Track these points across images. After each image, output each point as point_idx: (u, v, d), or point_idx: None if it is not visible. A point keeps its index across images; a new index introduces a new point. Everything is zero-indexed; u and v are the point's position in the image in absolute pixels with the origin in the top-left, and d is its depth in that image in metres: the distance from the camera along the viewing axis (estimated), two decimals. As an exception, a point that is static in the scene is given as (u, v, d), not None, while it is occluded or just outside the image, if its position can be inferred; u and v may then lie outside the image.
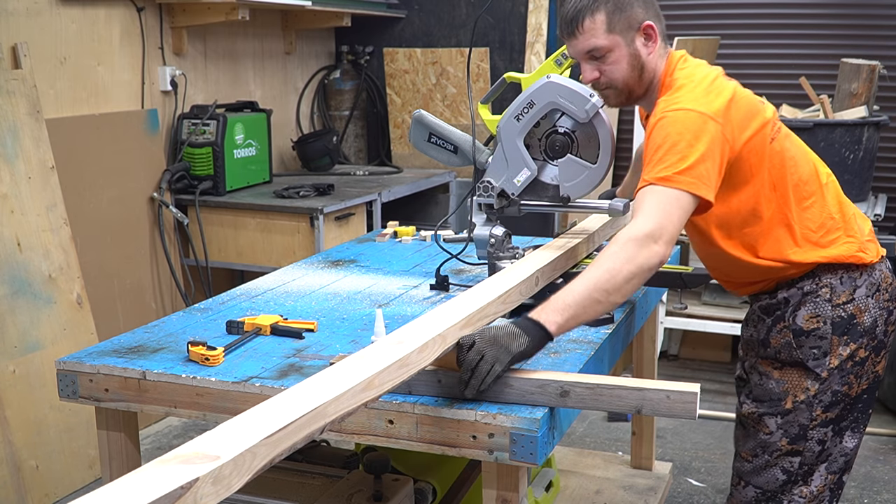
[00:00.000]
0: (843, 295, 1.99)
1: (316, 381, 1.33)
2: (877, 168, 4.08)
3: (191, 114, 4.11)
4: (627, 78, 2.00)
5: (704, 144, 1.83)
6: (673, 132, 1.84)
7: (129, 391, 1.86)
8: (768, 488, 2.06)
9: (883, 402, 4.16)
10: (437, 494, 2.39)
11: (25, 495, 3.10)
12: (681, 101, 1.89)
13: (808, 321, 2.00)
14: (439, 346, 1.60)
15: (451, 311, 1.72)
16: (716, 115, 1.87)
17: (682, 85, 1.94)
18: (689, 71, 1.99)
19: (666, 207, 1.80)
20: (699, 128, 1.84)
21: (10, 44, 3.31)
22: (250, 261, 4.01)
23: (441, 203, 5.05)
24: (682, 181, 1.81)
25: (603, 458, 3.30)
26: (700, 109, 1.86)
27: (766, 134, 1.96)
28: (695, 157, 1.81)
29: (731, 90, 1.95)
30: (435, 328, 1.61)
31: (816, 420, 2.01)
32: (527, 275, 1.99)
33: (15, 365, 3.11)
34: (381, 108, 5.38)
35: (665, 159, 1.83)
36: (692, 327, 4.30)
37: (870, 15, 4.47)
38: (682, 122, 1.85)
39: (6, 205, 3.17)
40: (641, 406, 1.62)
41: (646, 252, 1.77)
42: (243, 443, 1.09)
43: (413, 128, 2.45)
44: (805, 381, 2.01)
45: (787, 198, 1.99)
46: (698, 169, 1.82)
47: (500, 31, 5.09)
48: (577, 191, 2.27)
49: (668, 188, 1.81)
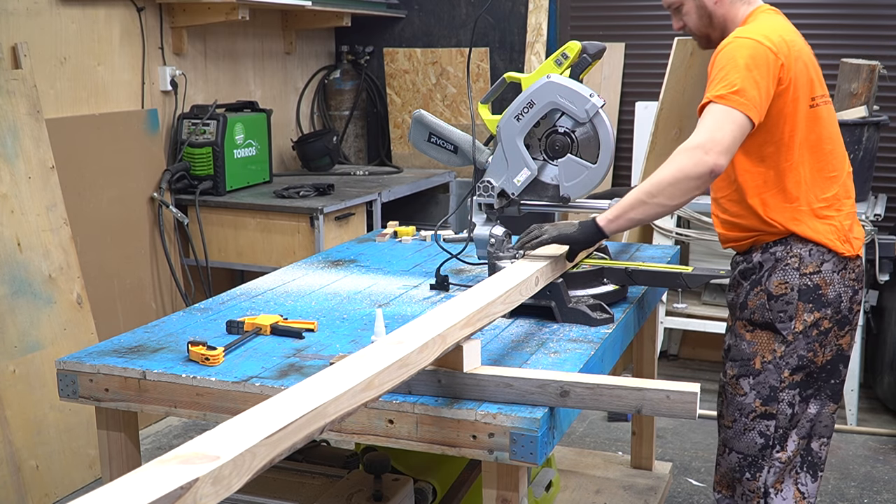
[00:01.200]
0: (811, 266, 2.15)
1: (316, 381, 1.32)
2: (877, 168, 4.08)
3: (191, 114, 4.11)
4: (699, 25, 2.26)
5: (759, 71, 2.02)
6: (736, 56, 2.03)
7: (129, 391, 1.86)
8: (749, 452, 2.22)
9: (883, 402, 4.16)
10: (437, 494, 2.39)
11: (25, 495, 3.10)
12: (747, 31, 2.10)
13: (778, 286, 2.16)
14: (439, 347, 1.58)
15: (451, 311, 1.71)
16: (776, 47, 2.05)
17: (759, 23, 2.15)
18: (770, 17, 2.18)
19: (720, 123, 1.99)
20: (758, 55, 2.03)
21: (10, 44, 3.31)
22: (250, 261, 4.01)
23: (441, 203, 5.05)
24: (736, 101, 1.99)
25: (603, 457, 3.30)
26: (762, 40, 2.05)
27: (807, 94, 2.12)
28: (749, 81, 2.00)
29: (799, 46, 2.14)
30: (435, 328, 1.60)
31: (785, 382, 2.17)
32: (527, 275, 2.00)
33: (15, 365, 3.11)
34: (381, 108, 5.38)
35: (725, 79, 2.02)
36: (692, 327, 4.30)
37: (870, 15, 4.47)
38: (745, 47, 2.04)
39: (6, 205, 3.17)
40: (641, 406, 1.62)
41: (692, 160, 1.97)
42: (243, 443, 1.09)
43: (413, 128, 2.45)
44: (773, 343, 2.17)
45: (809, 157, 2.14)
46: (751, 92, 2.00)
47: (500, 30, 5.09)
48: (577, 190, 2.27)
49: (724, 105, 1.99)
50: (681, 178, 1.98)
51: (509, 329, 2.10)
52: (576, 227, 2.13)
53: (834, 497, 3.38)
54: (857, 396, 3.98)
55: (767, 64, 2.03)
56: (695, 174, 1.97)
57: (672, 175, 1.99)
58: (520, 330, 2.09)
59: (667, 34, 4.46)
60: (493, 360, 1.89)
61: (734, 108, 1.99)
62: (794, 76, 2.08)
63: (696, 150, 1.97)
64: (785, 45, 2.08)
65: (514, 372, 1.70)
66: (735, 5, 2.21)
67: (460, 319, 1.66)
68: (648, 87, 4.75)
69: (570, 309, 2.13)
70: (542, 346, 1.98)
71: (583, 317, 2.11)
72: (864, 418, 4.06)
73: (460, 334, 1.66)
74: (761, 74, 2.02)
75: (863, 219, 3.75)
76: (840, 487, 3.46)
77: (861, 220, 3.75)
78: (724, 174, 2.18)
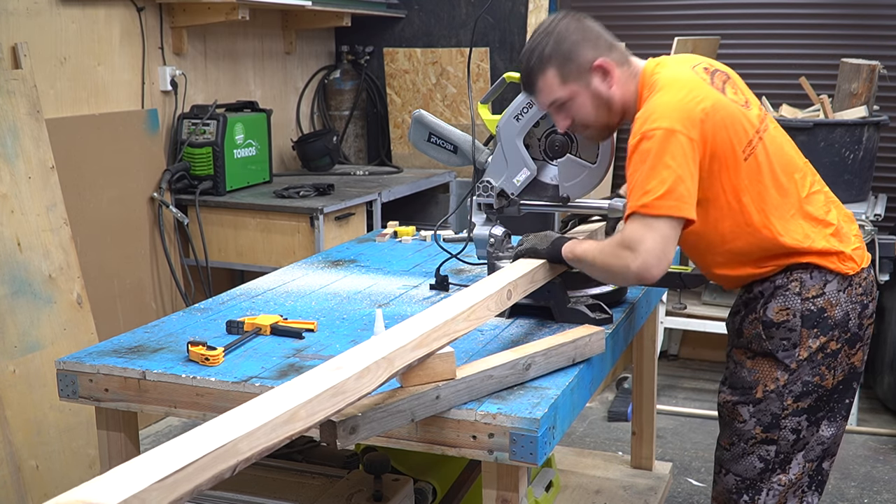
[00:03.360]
0: (813, 289, 2.01)
1: (233, 415, 1.21)
2: (877, 168, 4.08)
3: (191, 114, 4.11)
4: (597, 117, 2.05)
5: (677, 163, 1.85)
6: (650, 156, 1.86)
7: (129, 391, 1.87)
8: (747, 476, 2.10)
9: (883, 402, 4.16)
10: (437, 494, 2.39)
11: (25, 495, 3.10)
12: (653, 117, 1.89)
13: (778, 313, 2.02)
14: (384, 371, 1.46)
15: (404, 330, 1.59)
16: (689, 128, 1.87)
17: (657, 96, 1.93)
18: (663, 80, 1.97)
19: (647, 228, 1.86)
20: (673, 147, 1.85)
21: (10, 44, 3.31)
22: (250, 261, 4.01)
23: (441, 203, 5.05)
24: (664, 206, 1.85)
25: (603, 458, 3.30)
26: (672, 126, 1.86)
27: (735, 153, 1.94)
28: (672, 179, 1.84)
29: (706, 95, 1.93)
30: (379, 351, 1.48)
31: (788, 409, 2.04)
32: (496, 289, 1.86)
33: (15, 365, 3.11)
34: (381, 107, 5.38)
35: (645, 185, 1.86)
36: (692, 327, 4.30)
37: (870, 15, 4.47)
38: (656, 142, 1.86)
39: (6, 205, 3.17)
40: (575, 355, 1.89)
41: (619, 263, 1.89)
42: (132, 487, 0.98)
43: (413, 128, 2.45)
44: (775, 372, 2.04)
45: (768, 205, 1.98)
46: (678, 189, 1.85)
47: (500, 30, 5.09)
48: (577, 191, 2.27)
49: (651, 215, 1.85)
50: (609, 276, 1.98)
51: (509, 329, 2.10)
52: (548, 245, 2.09)
53: (834, 497, 3.39)
54: (857, 397, 3.98)
55: (685, 153, 1.85)
56: (622, 277, 1.93)
57: (604, 267, 1.94)
58: (519, 330, 2.09)
59: (667, 34, 4.46)
60: (492, 360, 1.89)
61: (664, 214, 1.84)
62: (713, 147, 1.91)
63: (626, 255, 1.87)
64: (697, 115, 1.88)
65: (485, 363, 1.73)
66: (628, 82, 2.03)
67: (412, 340, 1.54)
68: (648, 87, 4.74)
69: (569, 309, 2.12)
70: (541, 346, 1.98)
71: (581, 317, 2.11)
72: (864, 418, 4.06)
73: (411, 356, 1.54)
74: (682, 166, 1.85)
75: (862, 219, 3.74)
76: (840, 487, 3.46)
77: (861, 220, 3.74)
78: (697, 258, 2.12)
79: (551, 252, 2.08)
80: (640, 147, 1.88)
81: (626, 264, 1.87)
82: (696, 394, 4.38)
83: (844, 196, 3.81)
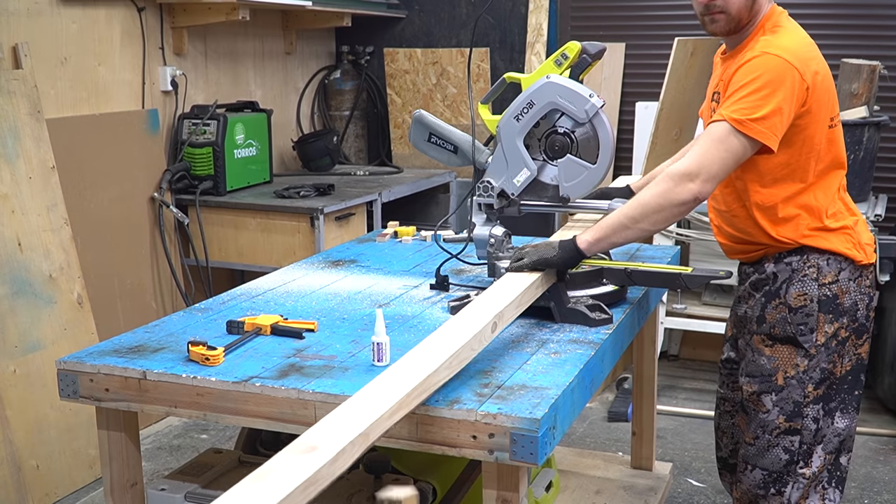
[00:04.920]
0: (829, 275, 2.10)
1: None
2: (877, 168, 4.08)
3: (191, 114, 4.11)
4: (742, 6, 2.08)
5: (784, 95, 1.95)
6: (763, 75, 1.95)
7: (130, 391, 1.87)
8: (773, 469, 2.14)
9: (883, 403, 4.16)
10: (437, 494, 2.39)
11: (26, 495, 3.10)
12: (775, 46, 1.99)
13: (797, 298, 2.11)
14: (360, 447, 1.36)
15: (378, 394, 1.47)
16: (803, 69, 1.98)
17: (787, 33, 2.06)
18: (794, 26, 2.11)
19: (719, 149, 1.94)
20: (786, 77, 1.95)
21: (10, 44, 3.32)
22: (251, 261, 4.01)
23: (441, 203, 5.05)
24: (754, 129, 1.94)
25: (603, 458, 3.30)
26: (791, 60, 1.97)
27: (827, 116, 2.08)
28: (772, 106, 1.94)
29: (820, 63, 2.07)
30: (356, 425, 1.36)
31: (809, 397, 2.11)
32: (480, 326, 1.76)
33: (16, 365, 3.12)
34: (381, 108, 5.38)
35: (746, 100, 1.94)
36: (692, 328, 4.30)
37: (870, 15, 4.47)
38: (773, 67, 1.96)
39: (7, 205, 3.17)
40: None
41: (678, 188, 1.94)
42: None
43: (413, 128, 2.45)
44: (795, 358, 2.11)
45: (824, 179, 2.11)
46: (773, 119, 1.94)
47: (500, 31, 5.09)
48: (577, 191, 2.27)
49: (734, 130, 1.94)
50: (665, 204, 1.98)
51: (509, 329, 2.10)
52: (555, 250, 2.07)
53: (834, 497, 3.39)
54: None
55: (793, 87, 1.96)
56: (678, 201, 1.96)
57: (656, 201, 1.97)
58: (520, 330, 2.10)
59: (667, 34, 4.46)
60: (493, 359, 1.89)
61: (748, 134, 1.94)
62: (817, 99, 2.03)
63: (683, 178, 1.95)
64: (810, 65, 2.02)
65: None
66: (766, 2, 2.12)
67: (389, 408, 1.44)
68: (649, 87, 4.75)
69: (569, 309, 2.13)
70: (542, 346, 1.98)
71: (582, 317, 2.11)
72: (865, 419, 4.06)
73: (387, 424, 1.44)
74: (786, 98, 1.95)
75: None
76: (840, 488, 3.46)
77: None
78: (733, 191, 2.15)
79: (563, 256, 2.07)
80: (757, 62, 1.97)
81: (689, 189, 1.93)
82: (697, 394, 4.38)
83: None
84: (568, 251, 2.06)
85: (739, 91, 1.97)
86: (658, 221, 2.00)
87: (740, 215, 2.18)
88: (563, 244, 2.08)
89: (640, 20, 4.85)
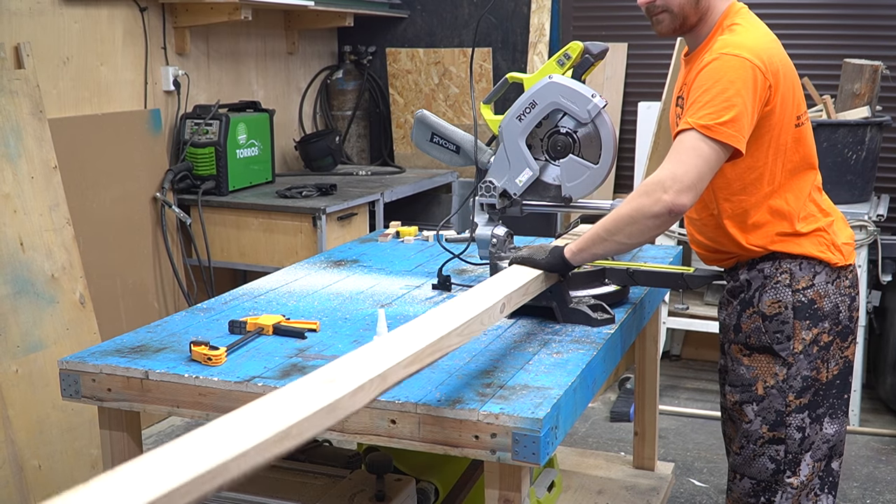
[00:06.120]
0: (803, 280, 2.04)
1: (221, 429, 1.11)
2: (879, 168, 4.08)
3: (193, 114, 4.12)
4: (684, 3, 2.02)
5: (749, 95, 1.89)
6: (724, 77, 1.89)
7: (132, 391, 1.87)
8: (761, 478, 2.11)
9: (885, 403, 4.16)
10: (439, 494, 2.39)
11: (28, 495, 3.11)
12: (739, 44, 1.93)
13: (771, 306, 2.05)
14: (377, 388, 1.37)
15: (396, 344, 1.50)
16: (765, 67, 1.92)
17: (745, 31, 1.99)
18: (753, 22, 2.03)
19: (691, 157, 1.87)
20: (748, 77, 1.89)
21: (12, 44, 3.32)
22: (253, 261, 4.01)
23: (443, 203, 5.05)
24: (724, 133, 1.87)
25: (605, 458, 3.30)
26: (751, 59, 1.91)
27: (793, 115, 2.01)
28: (738, 108, 1.87)
29: (782, 59, 2.01)
30: (374, 367, 1.38)
31: (791, 406, 2.06)
32: (490, 304, 1.78)
33: (18, 365, 3.12)
34: (383, 108, 5.38)
35: (711, 104, 1.88)
36: (694, 328, 4.30)
37: (873, 15, 4.46)
38: (735, 68, 1.90)
39: (9, 204, 3.17)
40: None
41: (649, 200, 1.87)
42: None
43: (415, 128, 2.45)
44: (773, 367, 2.06)
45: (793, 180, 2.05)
46: (741, 121, 1.88)
47: (502, 31, 5.09)
48: (579, 191, 2.27)
49: (703, 136, 1.87)
50: (637, 217, 1.89)
51: (511, 329, 2.10)
52: (546, 254, 2.05)
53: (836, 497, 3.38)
54: (859, 397, 3.97)
55: (756, 86, 1.90)
56: (651, 213, 1.87)
57: (629, 214, 1.90)
58: (522, 330, 2.10)
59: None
60: (495, 359, 1.89)
61: (718, 139, 1.86)
62: (781, 97, 1.96)
63: (656, 189, 1.87)
64: (773, 62, 1.95)
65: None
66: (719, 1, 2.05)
67: (406, 357, 1.46)
68: (651, 87, 4.75)
69: (571, 309, 2.13)
70: (544, 346, 1.98)
71: (584, 317, 2.11)
72: (867, 419, 4.06)
73: (403, 373, 1.46)
74: (750, 99, 1.89)
75: (864, 219, 3.75)
76: (842, 488, 3.45)
77: (863, 220, 3.74)
78: (701, 200, 2.08)
79: (550, 261, 2.04)
80: (716, 65, 1.91)
81: (662, 201, 1.85)
82: (699, 394, 4.38)
83: (847, 196, 3.82)
84: (556, 258, 2.04)
85: (703, 96, 1.90)
86: (633, 234, 1.92)
87: (710, 224, 2.12)
88: (554, 250, 2.05)
89: (642, 20, 4.79)
